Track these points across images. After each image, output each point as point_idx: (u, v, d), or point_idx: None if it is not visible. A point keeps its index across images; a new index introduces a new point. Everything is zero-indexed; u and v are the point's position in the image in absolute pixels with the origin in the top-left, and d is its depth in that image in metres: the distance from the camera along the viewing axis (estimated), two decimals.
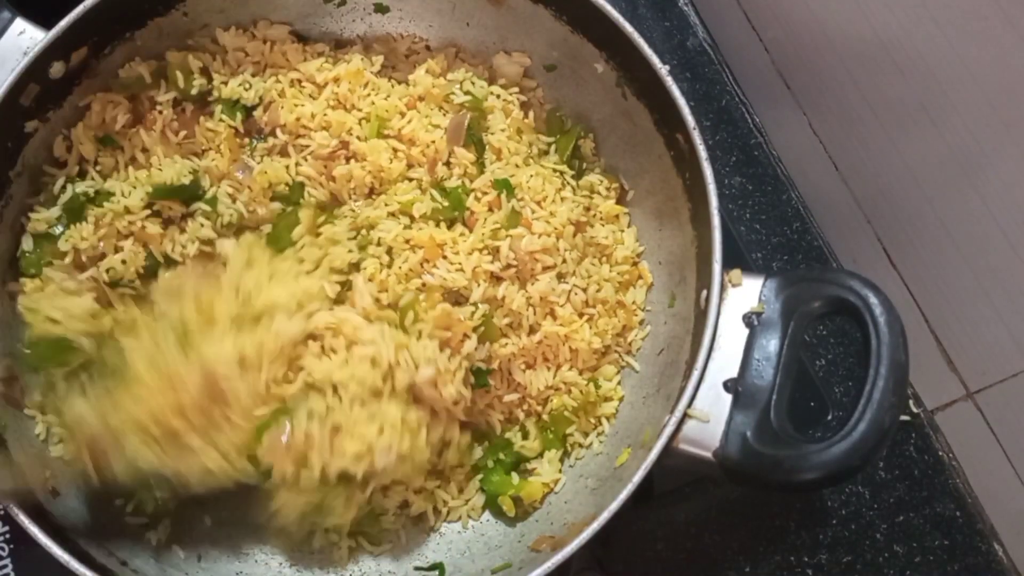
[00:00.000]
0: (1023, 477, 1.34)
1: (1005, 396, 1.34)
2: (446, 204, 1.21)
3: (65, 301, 1.17)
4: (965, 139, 1.24)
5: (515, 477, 1.22)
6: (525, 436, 1.24)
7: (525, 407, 1.23)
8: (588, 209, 1.28)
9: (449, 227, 1.21)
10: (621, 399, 1.26)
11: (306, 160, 1.23)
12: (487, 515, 1.24)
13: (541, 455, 1.24)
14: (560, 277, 1.22)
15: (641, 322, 1.28)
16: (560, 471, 1.23)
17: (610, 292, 1.25)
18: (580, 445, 1.24)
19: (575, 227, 1.24)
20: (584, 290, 1.24)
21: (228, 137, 1.24)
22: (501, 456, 1.23)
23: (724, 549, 1.33)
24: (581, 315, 1.23)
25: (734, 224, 1.46)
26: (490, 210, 1.22)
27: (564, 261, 1.22)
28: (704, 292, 1.11)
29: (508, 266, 1.19)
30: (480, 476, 1.23)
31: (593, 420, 1.25)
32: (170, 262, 1.22)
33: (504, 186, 1.22)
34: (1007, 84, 1.15)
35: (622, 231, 1.30)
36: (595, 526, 1.01)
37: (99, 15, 1.17)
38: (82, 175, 1.25)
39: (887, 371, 0.98)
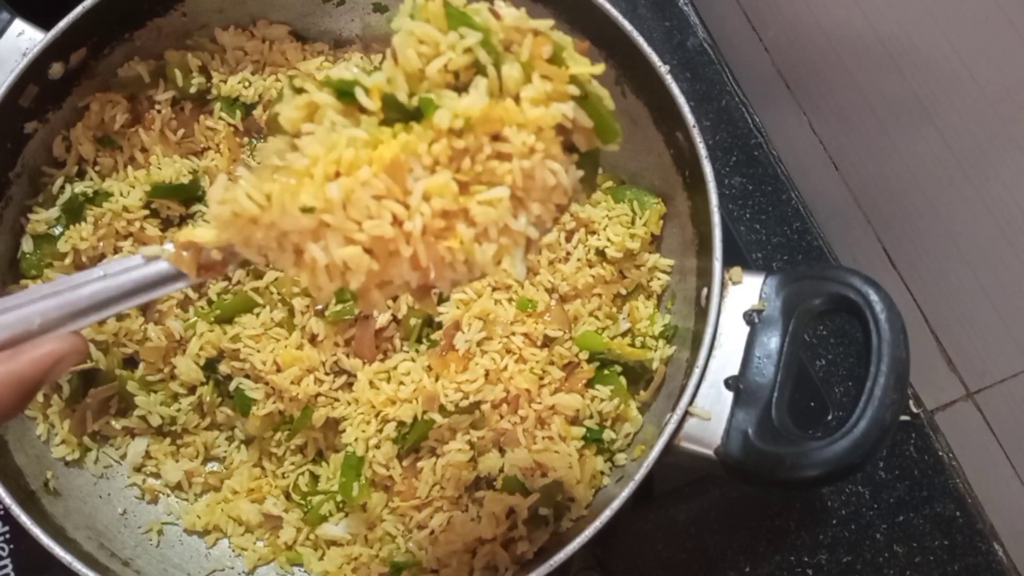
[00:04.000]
0: (1023, 477, 1.34)
1: (1005, 396, 1.33)
2: None
3: None
4: (965, 139, 1.24)
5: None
6: None
7: None
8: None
9: None
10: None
11: None
12: None
13: None
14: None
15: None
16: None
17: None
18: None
19: (576, 223, 1.24)
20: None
21: (227, 136, 1.24)
22: None
23: (724, 549, 1.33)
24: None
25: (734, 224, 1.47)
26: None
27: (567, 255, 1.22)
28: (705, 290, 1.10)
29: None
30: None
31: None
32: None
33: None
34: (1007, 84, 1.15)
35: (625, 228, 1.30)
36: (596, 524, 1.00)
37: (98, 16, 1.17)
38: (81, 175, 1.25)
39: (888, 368, 0.98)
